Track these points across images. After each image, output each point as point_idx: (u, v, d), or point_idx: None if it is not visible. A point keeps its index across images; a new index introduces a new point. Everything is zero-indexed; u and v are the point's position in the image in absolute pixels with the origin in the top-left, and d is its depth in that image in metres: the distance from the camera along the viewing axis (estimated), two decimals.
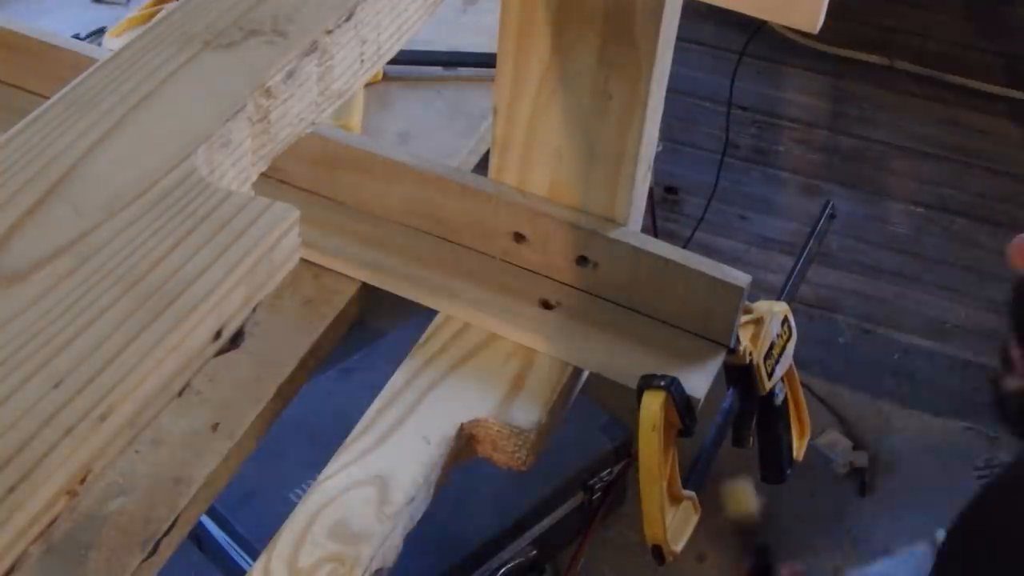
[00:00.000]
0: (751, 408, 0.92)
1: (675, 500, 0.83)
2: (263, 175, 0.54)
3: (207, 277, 0.44)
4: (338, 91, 0.57)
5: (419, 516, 0.76)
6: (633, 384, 0.80)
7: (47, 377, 0.40)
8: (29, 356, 0.40)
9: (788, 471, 1.01)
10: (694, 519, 0.85)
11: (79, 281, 0.43)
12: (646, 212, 1.95)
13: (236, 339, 0.45)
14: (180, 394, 0.43)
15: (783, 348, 0.91)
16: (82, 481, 0.39)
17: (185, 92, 0.51)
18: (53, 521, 0.38)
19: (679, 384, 0.78)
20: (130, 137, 0.49)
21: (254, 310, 0.46)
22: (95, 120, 0.50)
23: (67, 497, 0.38)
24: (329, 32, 0.55)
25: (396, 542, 0.73)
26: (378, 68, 0.68)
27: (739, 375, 0.89)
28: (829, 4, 0.64)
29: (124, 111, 0.50)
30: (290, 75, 0.53)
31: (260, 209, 0.46)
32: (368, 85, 1.22)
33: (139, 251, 0.44)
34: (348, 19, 0.55)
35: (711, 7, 0.69)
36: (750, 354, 0.86)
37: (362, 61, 0.58)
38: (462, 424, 0.79)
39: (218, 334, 0.44)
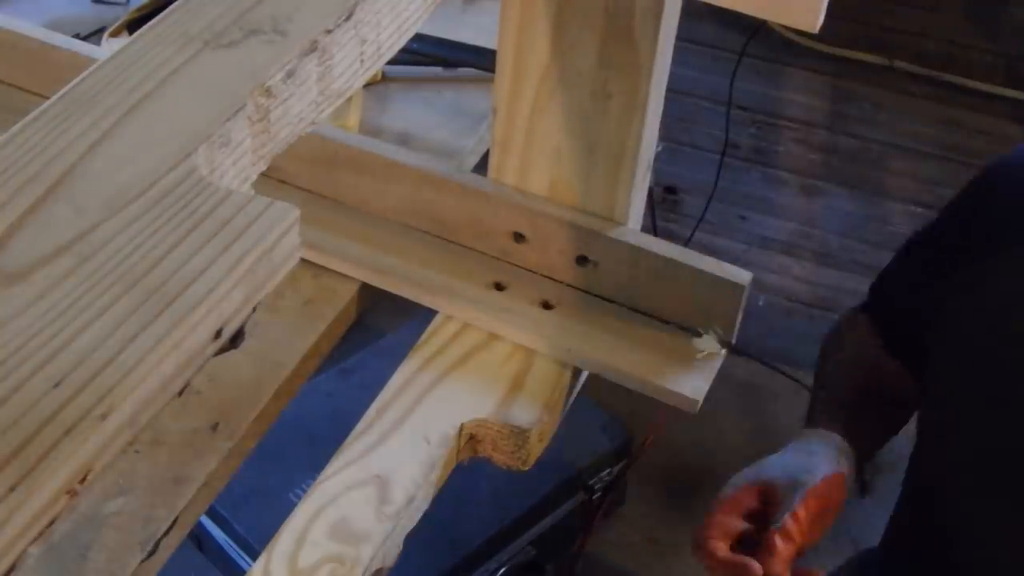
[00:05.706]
0: None
1: None
2: (263, 175, 0.54)
3: (207, 276, 0.44)
4: (338, 91, 0.57)
5: (419, 516, 0.76)
6: (633, 384, 0.79)
7: (47, 376, 0.40)
8: (30, 355, 0.40)
9: None
10: None
11: (79, 280, 0.43)
12: (646, 212, 1.95)
13: (236, 339, 0.45)
14: (180, 394, 0.43)
15: None
16: (82, 481, 0.39)
17: (185, 91, 0.51)
18: (53, 521, 0.38)
19: None
20: (130, 136, 0.49)
21: (254, 310, 0.46)
22: (95, 119, 0.50)
23: (67, 497, 0.38)
24: (329, 31, 0.55)
25: (396, 542, 0.73)
26: (378, 68, 0.68)
27: None
28: (829, 4, 0.64)
29: (124, 110, 0.50)
30: (290, 75, 0.53)
31: (260, 208, 0.46)
32: (368, 85, 1.22)
33: (139, 250, 0.44)
34: (348, 18, 0.55)
35: (711, 7, 0.68)
36: None
37: (362, 61, 0.58)
38: (462, 424, 0.79)
39: (218, 334, 0.44)
